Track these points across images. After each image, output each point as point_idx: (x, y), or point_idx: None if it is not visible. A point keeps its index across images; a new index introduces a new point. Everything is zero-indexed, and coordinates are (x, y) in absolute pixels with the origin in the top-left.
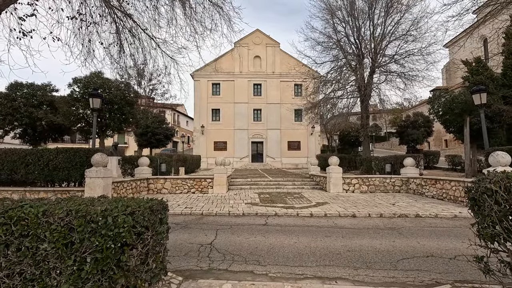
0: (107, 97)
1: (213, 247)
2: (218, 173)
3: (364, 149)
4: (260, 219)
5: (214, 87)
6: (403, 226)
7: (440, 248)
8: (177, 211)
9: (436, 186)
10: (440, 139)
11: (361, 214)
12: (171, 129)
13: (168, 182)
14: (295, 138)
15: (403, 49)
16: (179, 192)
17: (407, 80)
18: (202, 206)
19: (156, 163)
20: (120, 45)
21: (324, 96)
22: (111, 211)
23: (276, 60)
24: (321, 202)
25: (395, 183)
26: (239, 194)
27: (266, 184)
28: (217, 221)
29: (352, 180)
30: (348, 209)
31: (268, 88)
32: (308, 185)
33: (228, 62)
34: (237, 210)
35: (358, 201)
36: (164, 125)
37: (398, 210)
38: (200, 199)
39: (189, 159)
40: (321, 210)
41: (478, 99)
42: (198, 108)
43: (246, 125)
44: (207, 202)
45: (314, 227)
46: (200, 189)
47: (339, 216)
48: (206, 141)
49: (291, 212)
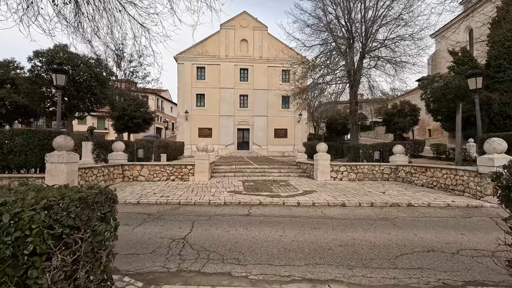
0: (74, 74)
1: (186, 242)
2: (199, 160)
3: (352, 137)
4: (243, 209)
5: (199, 71)
6: (397, 216)
7: (439, 241)
8: (151, 200)
9: (426, 174)
10: (424, 128)
11: (351, 203)
12: (150, 113)
13: (145, 169)
14: (282, 125)
15: (394, 34)
16: (157, 180)
17: (398, 66)
18: (180, 195)
19: (133, 148)
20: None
21: (313, 81)
22: (10, 206)
23: (263, 44)
24: (309, 191)
25: (384, 171)
26: (222, 182)
27: (251, 171)
28: (195, 211)
29: (340, 167)
30: (337, 198)
31: (255, 73)
32: (294, 173)
33: (213, 45)
34: (218, 199)
35: (346, 189)
36: (143, 109)
37: (390, 199)
38: (179, 187)
39: (172, 146)
40: (308, 199)
41: (473, 84)
42: (182, 93)
43: (232, 111)
44: (186, 190)
45: (302, 218)
46: (180, 177)
47: (328, 206)
48: (190, 127)
49: (277, 201)
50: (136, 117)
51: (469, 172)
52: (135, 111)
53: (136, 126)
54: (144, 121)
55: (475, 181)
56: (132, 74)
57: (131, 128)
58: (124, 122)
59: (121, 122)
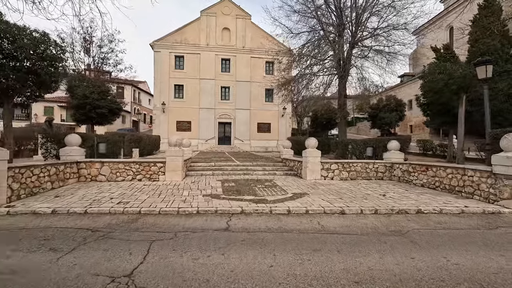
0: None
1: (132, 283)
2: (171, 156)
3: (340, 132)
4: (221, 220)
5: (177, 60)
6: (410, 227)
7: (480, 269)
8: (104, 208)
9: (427, 174)
10: (406, 124)
11: (351, 210)
12: (118, 103)
13: (106, 167)
14: (266, 119)
15: (386, 23)
16: (120, 180)
17: (390, 56)
18: (144, 200)
19: (94, 142)
20: None
21: (300, 71)
22: None
23: (246, 34)
24: (299, 193)
25: (379, 169)
26: (198, 182)
27: (232, 169)
28: (158, 225)
29: (331, 165)
30: (334, 202)
31: (237, 64)
32: (280, 171)
33: (193, 33)
34: (190, 206)
35: (341, 191)
36: (109, 97)
37: (394, 204)
38: (146, 189)
39: (146, 140)
40: (300, 205)
41: (483, 72)
42: (158, 83)
43: (212, 104)
44: (152, 194)
45: (295, 233)
46: (148, 176)
47: (324, 214)
48: (168, 120)
49: (263, 209)
50: (100, 106)
51: (480, 172)
52: (99, 99)
53: (100, 116)
54: (110, 112)
55: (488, 183)
56: (103, 61)
57: (94, 119)
58: (85, 112)
59: (81, 112)
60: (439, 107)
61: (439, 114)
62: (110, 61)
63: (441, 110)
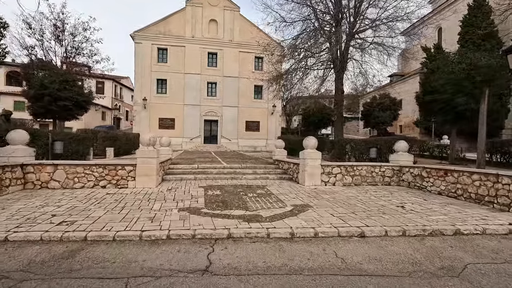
0: None
1: None
2: (143, 158)
3: (337, 131)
4: (199, 252)
5: (160, 53)
6: (462, 261)
7: None
8: (34, 234)
9: (445, 179)
10: (395, 124)
11: (373, 231)
12: (86, 95)
13: (60, 171)
14: (254, 117)
15: (389, 10)
16: (79, 187)
17: (391, 50)
18: (97, 219)
19: (47, 140)
20: None
21: (294, 63)
22: None
23: (235, 27)
24: (300, 205)
25: (385, 173)
26: (175, 189)
27: (218, 172)
28: (106, 262)
29: (333, 169)
30: (347, 219)
31: (225, 59)
32: (273, 174)
33: (178, 24)
34: (159, 227)
35: (349, 201)
36: (76, 88)
37: (423, 221)
38: (107, 200)
39: (122, 138)
40: (305, 224)
41: None
42: (139, 77)
43: (198, 100)
44: (112, 208)
45: (308, 275)
46: (114, 182)
47: (339, 237)
48: (149, 117)
49: (258, 231)
50: (61, 98)
51: None
52: (61, 90)
53: (63, 110)
54: (76, 105)
55: None
56: (77, 51)
57: (56, 113)
58: (44, 104)
59: (39, 104)
60: (441, 105)
61: (441, 112)
62: (84, 52)
63: (443, 108)
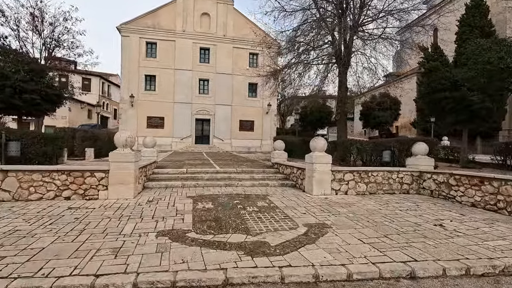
0: None
1: None
2: (117, 162)
3: (340, 131)
4: None
5: (149, 47)
6: None
7: None
8: None
9: (481, 189)
10: (391, 125)
11: (426, 269)
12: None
13: (12, 178)
14: (249, 116)
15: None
16: (36, 198)
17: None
18: (39, 252)
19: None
20: None
21: (294, 56)
22: None
23: (228, 21)
24: (315, 225)
25: (404, 180)
26: (157, 200)
27: (210, 178)
28: None
29: (345, 175)
30: (383, 248)
31: (218, 54)
32: (274, 180)
33: (168, 17)
34: (123, 269)
35: (372, 216)
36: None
37: (483, 250)
38: (63, 219)
39: (104, 137)
40: (331, 257)
41: None
42: (126, 72)
43: (189, 98)
44: (67, 232)
45: None
46: (82, 192)
47: (381, 279)
48: (137, 115)
49: (266, 272)
50: (27, 90)
51: None
52: (27, 81)
53: (30, 105)
54: (45, 99)
55: None
56: (57, 43)
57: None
58: (5, 97)
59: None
60: (452, 104)
61: (451, 112)
62: (65, 44)
63: (454, 107)
